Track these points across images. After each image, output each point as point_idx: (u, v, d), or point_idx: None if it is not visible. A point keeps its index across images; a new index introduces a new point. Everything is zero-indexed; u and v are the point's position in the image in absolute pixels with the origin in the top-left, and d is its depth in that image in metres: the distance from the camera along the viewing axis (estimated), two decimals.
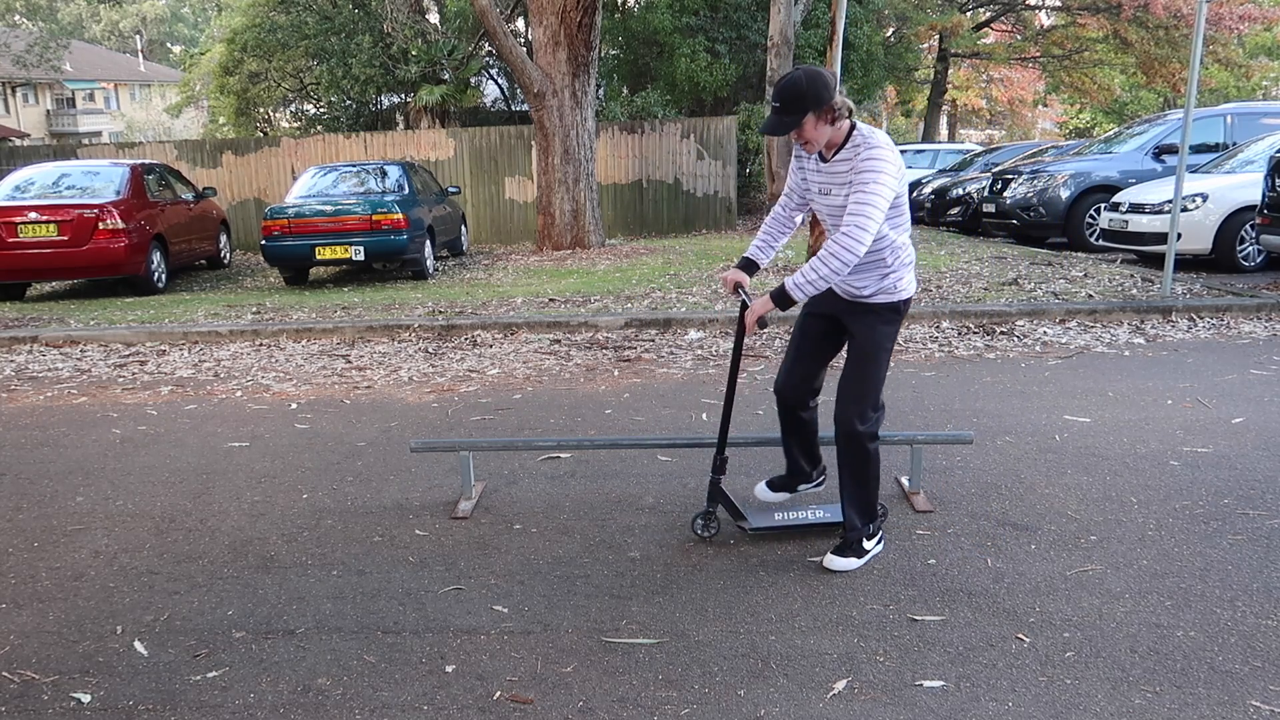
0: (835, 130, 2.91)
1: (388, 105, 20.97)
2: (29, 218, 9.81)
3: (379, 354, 6.84)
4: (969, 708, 2.31)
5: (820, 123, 2.87)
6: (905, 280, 3.07)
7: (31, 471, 4.41)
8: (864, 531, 3.14)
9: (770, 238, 3.37)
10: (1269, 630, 2.61)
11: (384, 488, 4.04)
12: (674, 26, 17.75)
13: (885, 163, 2.82)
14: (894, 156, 2.86)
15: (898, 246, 3.01)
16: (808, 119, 2.85)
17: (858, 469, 3.11)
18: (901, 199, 2.97)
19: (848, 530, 3.15)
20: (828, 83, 2.84)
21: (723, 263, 10.64)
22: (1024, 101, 35.51)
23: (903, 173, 2.92)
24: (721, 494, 3.32)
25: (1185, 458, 4.02)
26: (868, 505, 3.13)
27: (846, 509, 3.14)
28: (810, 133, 2.89)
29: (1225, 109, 12.12)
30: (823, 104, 2.83)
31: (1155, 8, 22.41)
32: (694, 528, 3.36)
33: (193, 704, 2.44)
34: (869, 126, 2.96)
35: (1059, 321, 7.04)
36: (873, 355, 3.08)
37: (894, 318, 3.09)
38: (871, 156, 2.83)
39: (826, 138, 2.92)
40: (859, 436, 3.06)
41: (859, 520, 3.13)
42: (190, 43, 52.13)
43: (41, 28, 36.95)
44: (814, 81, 2.83)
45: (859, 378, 3.08)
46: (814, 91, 2.82)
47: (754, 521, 3.37)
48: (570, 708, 2.37)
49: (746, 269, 3.33)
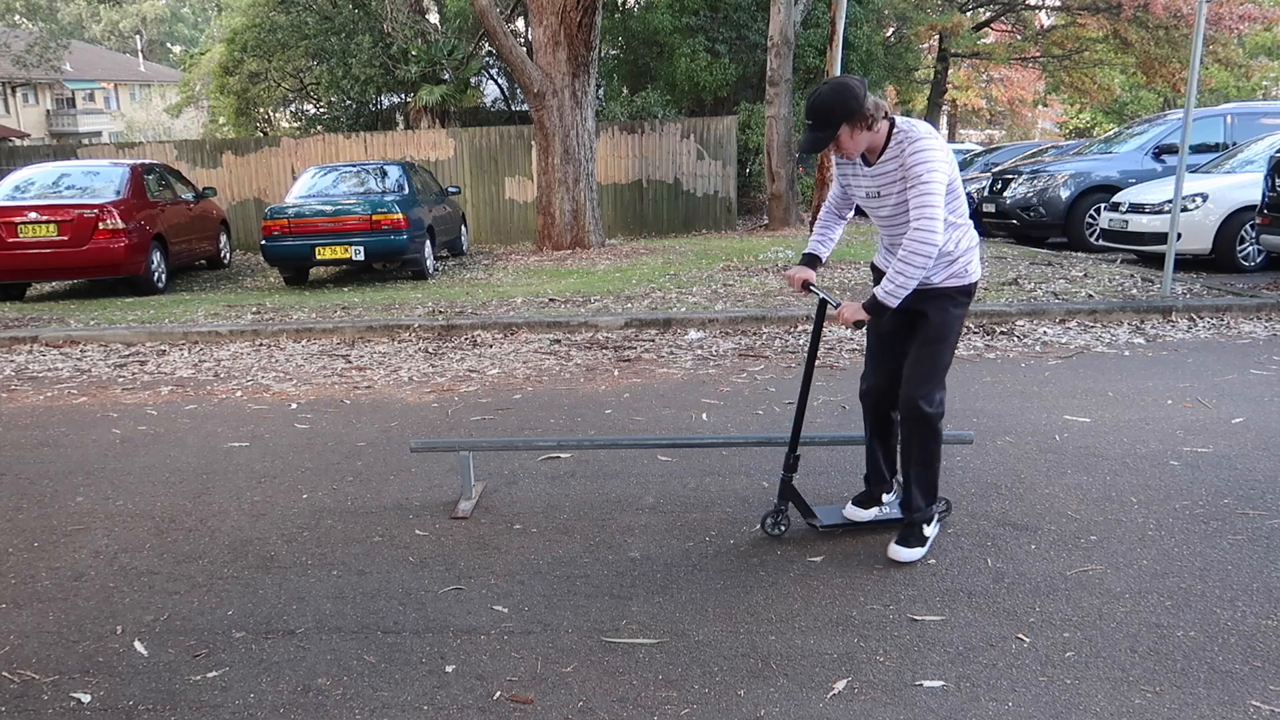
0: (874, 135, 2.94)
1: (388, 105, 20.98)
2: (29, 218, 9.81)
3: (379, 354, 6.84)
4: (969, 708, 2.31)
5: (856, 131, 2.90)
6: (973, 264, 3.12)
7: (31, 471, 4.41)
8: (927, 513, 3.17)
9: (827, 230, 3.38)
10: (1269, 630, 2.61)
11: (384, 488, 4.04)
12: (674, 26, 17.76)
13: (932, 152, 2.86)
14: (939, 144, 2.88)
15: (962, 231, 3.06)
16: (843, 131, 2.89)
17: (922, 450, 3.14)
18: (955, 184, 2.99)
19: (911, 511, 3.17)
20: (856, 92, 2.87)
21: (723, 263, 10.64)
22: (1024, 101, 35.50)
23: (951, 158, 2.95)
24: (793, 491, 3.32)
25: (1185, 458, 4.02)
26: (931, 485, 3.18)
27: (911, 489, 3.17)
28: (848, 144, 2.93)
29: (1225, 109, 12.12)
30: (854, 114, 2.86)
31: (1155, 8, 22.40)
32: (764, 526, 3.35)
33: (193, 704, 2.44)
34: (909, 120, 2.98)
35: (1059, 321, 7.04)
36: (943, 337, 3.11)
37: (965, 300, 3.14)
38: (918, 150, 2.87)
39: (866, 144, 2.96)
40: (927, 418, 3.09)
41: (922, 500, 3.17)
42: (190, 43, 52.18)
43: (41, 28, 36.95)
44: (841, 93, 2.87)
45: (928, 359, 3.11)
46: (843, 103, 2.86)
47: (824, 519, 3.37)
48: (570, 708, 2.37)
49: (810, 264, 3.32)
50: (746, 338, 6.89)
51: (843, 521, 3.39)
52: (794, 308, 7.47)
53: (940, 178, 2.85)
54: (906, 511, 3.20)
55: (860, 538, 3.32)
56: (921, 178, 2.85)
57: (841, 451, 4.17)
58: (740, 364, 6.10)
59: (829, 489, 3.80)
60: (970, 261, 3.11)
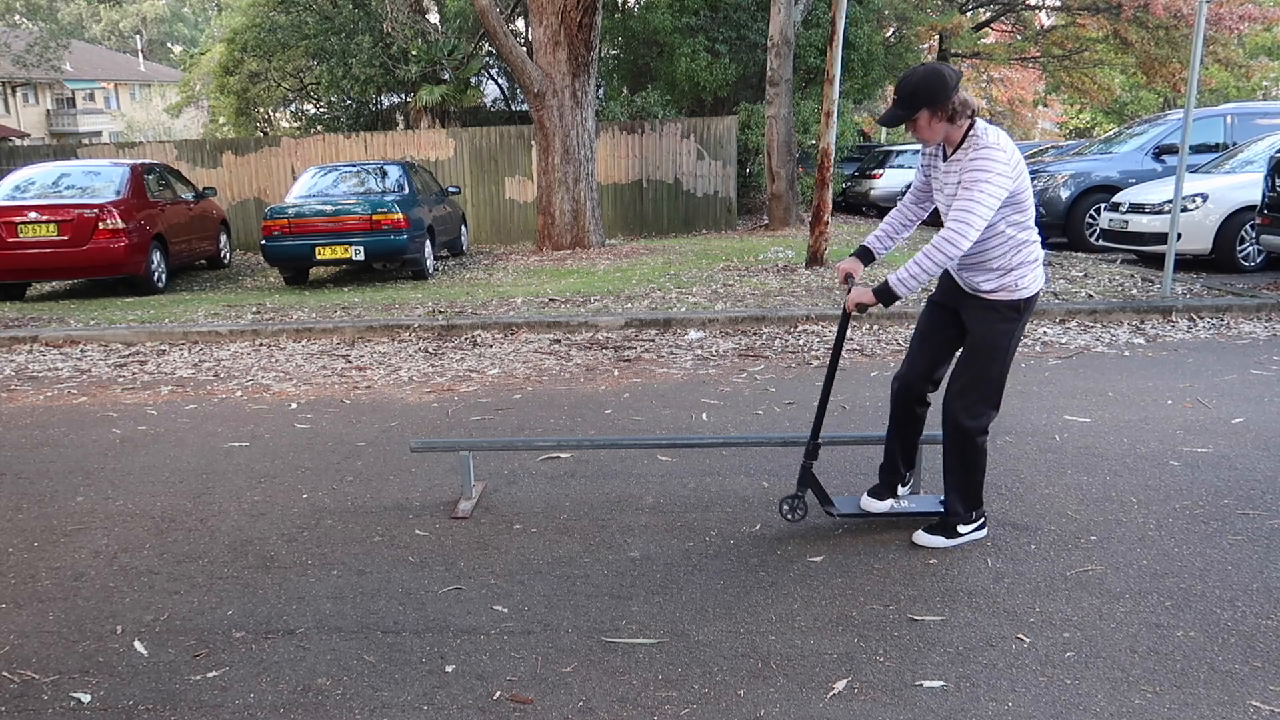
0: (954, 129, 2.96)
1: (388, 105, 20.98)
2: (29, 218, 9.81)
3: (379, 354, 6.84)
4: (969, 708, 2.31)
5: (935, 120, 2.94)
6: (1028, 278, 3.05)
7: (31, 471, 4.41)
8: (965, 517, 3.20)
9: (892, 229, 3.34)
10: (1269, 630, 2.61)
11: (384, 488, 4.03)
12: (674, 26, 17.75)
13: (995, 162, 2.85)
14: (1006, 156, 2.86)
15: (1020, 243, 3.01)
16: (922, 114, 2.92)
17: (962, 459, 3.16)
18: (1023, 196, 2.95)
19: (949, 515, 3.22)
20: (945, 81, 2.89)
21: (723, 263, 10.64)
22: (1024, 101, 35.45)
23: (1021, 170, 2.92)
24: (812, 479, 3.34)
25: (1185, 458, 4.02)
26: (973, 493, 3.20)
27: (950, 494, 3.21)
28: (924, 129, 2.96)
29: (1225, 109, 12.11)
30: (938, 102, 2.89)
31: (1155, 8, 22.38)
32: (780, 512, 3.38)
33: (193, 704, 2.44)
34: (986, 125, 2.97)
35: (1059, 321, 7.04)
36: (988, 352, 3.08)
37: (1014, 315, 3.07)
38: (980, 156, 2.87)
39: (942, 135, 2.98)
40: (965, 431, 3.10)
41: (961, 506, 3.20)
42: (190, 43, 52.15)
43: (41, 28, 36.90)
44: (930, 79, 2.91)
45: (971, 372, 3.11)
46: (928, 89, 2.89)
47: (841, 507, 3.39)
48: (570, 708, 2.37)
49: (863, 258, 3.28)
50: (746, 338, 6.89)
51: (858, 511, 3.41)
52: (794, 308, 7.47)
53: (993, 189, 2.83)
54: (945, 513, 3.25)
55: (860, 538, 3.32)
56: (974, 184, 2.85)
57: (842, 451, 4.17)
58: (740, 364, 6.10)
59: (829, 488, 3.79)
60: (1025, 275, 3.04)
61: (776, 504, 3.48)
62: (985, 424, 3.12)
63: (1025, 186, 2.95)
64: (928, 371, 3.27)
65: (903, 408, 3.34)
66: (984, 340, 3.08)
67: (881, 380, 5.30)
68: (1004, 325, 3.06)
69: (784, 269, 9.87)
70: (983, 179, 2.84)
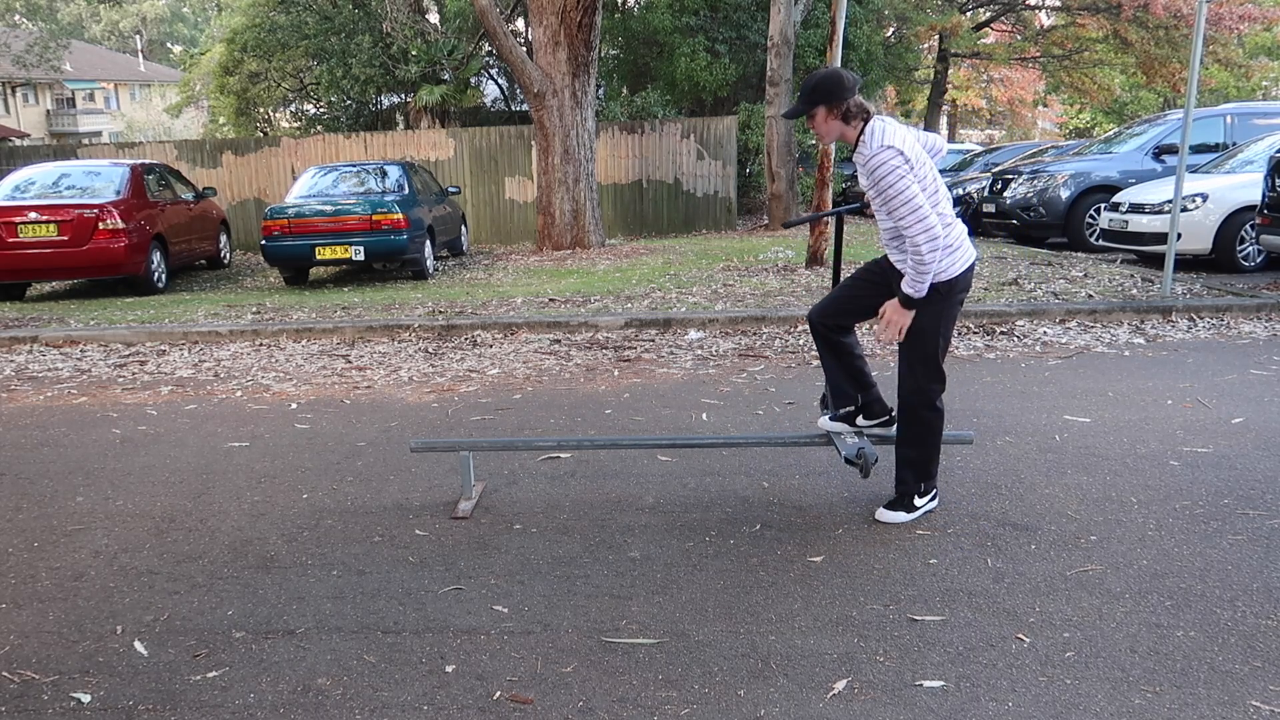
0: (849, 129, 3.18)
1: (388, 105, 20.98)
2: (29, 218, 9.81)
3: (379, 354, 6.84)
4: (969, 708, 2.31)
5: (830, 117, 3.17)
6: (945, 261, 3.17)
7: (31, 471, 4.41)
8: (914, 488, 3.37)
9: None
10: (1269, 630, 2.61)
11: (384, 488, 4.03)
12: (674, 26, 17.75)
13: (886, 164, 3.04)
14: (894, 153, 3.04)
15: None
16: (818, 110, 3.17)
17: (912, 433, 3.35)
18: (927, 182, 3.11)
19: (898, 484, 3.40)
20: (843, 83, 3.13)
21: (723, 263, 10.64)
22: (1024, 101, 35.48)
23: (920, 158, 3.10)
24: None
25: (1185, 458, 4.02)
26: (921, 467, 3.36)
27: (901, 468, 3.39)
28: (820, 124, 3.20)
29: (1225, 109, 12.11)
30: (833, 100, 3.13)
31: (1155, 8, 22.39)
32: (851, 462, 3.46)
33: (193, 704, 2.44)
34: (879, 125, 3.14)
35: (1059, 321, 7.04)
36: (919, 334, 3.24)
37: (936, 297, 3.19)
38: (874, 164, 3.07)
39: (838, 133, 3.20)
40: (911, 407, 3.32)
41: (911, 477, 3.37)
42: (190, 43, 52.14)
43: (41, 28, 36.92)
44: (830, 79, 3.16)
45: (910, 355, 3.29)
46: (825, 88, 3.14)
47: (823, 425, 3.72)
48: (570, 708, 2.37)
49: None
50: (746, 338, 6.89)
51: (823, 433, 3.67)
52: (794, 307, 7.47)
53: (902, 184, 3.02)
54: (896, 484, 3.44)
55: (860, 538, 3.32)
56: (883, 190, 3.07)
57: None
58: (740, 364, 6.10)
59: (829, 489, 3.80)
60: (942, 259, 3.18)
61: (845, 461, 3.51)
62: (932, 399, 3.30)
63: (927, 173, 3.12)
64: (834, 317, 3.52)
65: (818, 335, 3.58)
66: (915, 322, 3.22)
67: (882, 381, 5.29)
68: (930, 307, 3.20)
69: (784, 269, 9.88)
70: (887, 185, 3.04)
